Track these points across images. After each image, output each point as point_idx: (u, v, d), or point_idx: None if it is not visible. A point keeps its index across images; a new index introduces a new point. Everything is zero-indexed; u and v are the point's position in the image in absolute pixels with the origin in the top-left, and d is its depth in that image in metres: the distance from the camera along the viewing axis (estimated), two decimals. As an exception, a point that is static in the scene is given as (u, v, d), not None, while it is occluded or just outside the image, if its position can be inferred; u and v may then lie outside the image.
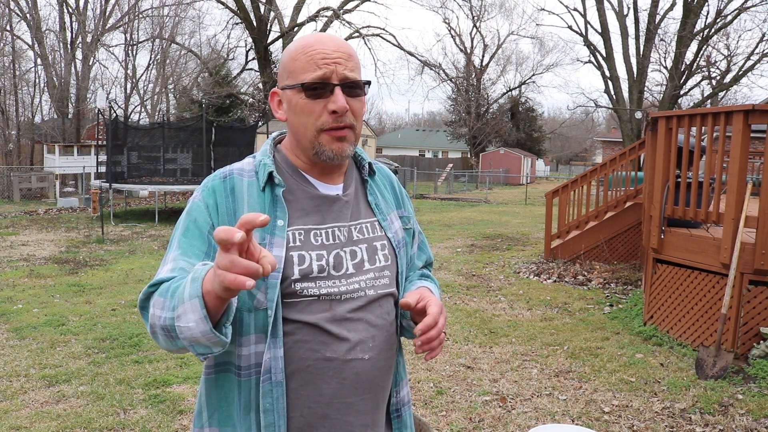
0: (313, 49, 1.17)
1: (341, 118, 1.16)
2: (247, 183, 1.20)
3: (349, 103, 1.17)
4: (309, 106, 1.17)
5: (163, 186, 14.48)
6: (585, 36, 27.74)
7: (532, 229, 12.97)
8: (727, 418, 3.53)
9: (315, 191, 1.23)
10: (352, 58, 1.19)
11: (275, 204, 1.18)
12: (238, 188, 1.20)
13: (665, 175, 5.06)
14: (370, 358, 1.19)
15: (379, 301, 1.23)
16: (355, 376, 1.17)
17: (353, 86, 1.18)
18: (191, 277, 1.00)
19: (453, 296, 6.60)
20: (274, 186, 1.20)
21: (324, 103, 1.16)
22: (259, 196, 1.19)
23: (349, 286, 1.19)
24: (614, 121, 37.43)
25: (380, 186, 1.35)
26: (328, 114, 1.16)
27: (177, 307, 1.00)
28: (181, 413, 3.56)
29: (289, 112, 1.21)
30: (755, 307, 4.30)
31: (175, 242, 1.18)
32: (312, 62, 1.15)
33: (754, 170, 10.36)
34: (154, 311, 1.06)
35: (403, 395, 1.34)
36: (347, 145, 1.19)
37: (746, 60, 24.77)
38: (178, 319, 0.99)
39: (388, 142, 61.00)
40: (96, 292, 6.60)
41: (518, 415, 3.58)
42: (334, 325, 1.16)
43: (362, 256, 1.22)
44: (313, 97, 1.16)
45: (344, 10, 26.99)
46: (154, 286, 1.11)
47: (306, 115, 1.17)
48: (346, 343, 1.16)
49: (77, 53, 22.49)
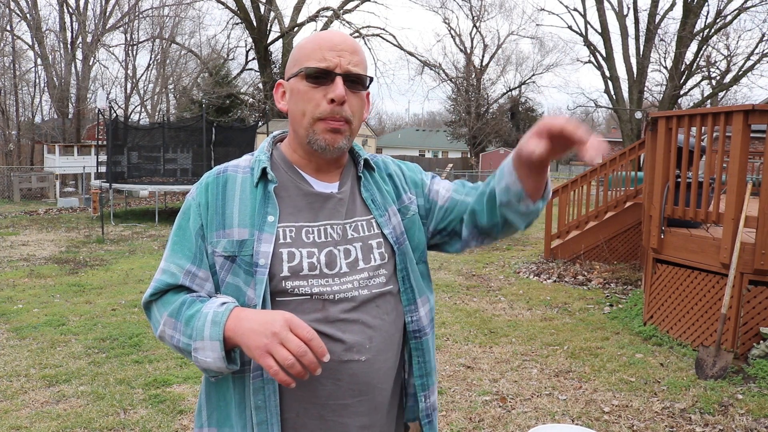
0: (322, 39, 1.19)
1: (338, 109, 1.16)
2: (241, 179, 1.21)
3: (348, 97, 1.17)
4: (309, 93, 1.17)
5: (163, 186, 14.49)
6: (585, 36, 27.73)
7: (532, 229, 12.97)
8: (727, 418, 3.53)
9: (309, 188, 1.23)
10: (357, 54, 1.19)
11: (266, 200, 1.18)
12: (230, 184, 1.21)
13: (665, 175, 5.06)
14: (367, 360, 1.17)
15: (375, 300, 1.20)
16: (351, 377, 1.16)
17: (355, 80, 1.18)
18: (211, 319, 1.09)
19: (453, 296, 6.60)
20: (267, 182, 1.20)
21: (324, 91, 1.16)
22: (251, 192, 1.19)
23: (342, 285, 1.17)
24: (614, 121, 37.43)
25: (378, 181, 1.32)
26: (327, 102, 1.16)
27: (195, 340, 1.10)
28: (181, 413, 3.56)
29: (290, 100, 1.22)
30: (755, 307, 4.31)
31: (170, 242, 1.25)
32: (318, 50, 1.17)
33: (754, 170, 10.36)
34: (164, 328, 1.16)
35: (433, 400, 1.32)
36: (341, 137, 1.18)
37: (746, 60, 24.78)
38: (195, 351, 1.10)
39: (388, 142, 61.01)
40: (96, 292, 6.60)
41: (518, 415, 3.58)
42: (328, 326, 1.14)
43: (356, 254, 1.20)
44: (314, 84, 1.17)
45: (344, 10, 27.01)
46: (155, 295, 1.20)
47: (305, 102, 1.18)
48: (341, 345, 1.15)
49: (77, 53, 22.51)
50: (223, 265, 1.17)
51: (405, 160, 1.46)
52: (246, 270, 1.15)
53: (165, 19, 24.86)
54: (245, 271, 1.15)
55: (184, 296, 1.18)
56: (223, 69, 28.83)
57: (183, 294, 1.18)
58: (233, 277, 1.16)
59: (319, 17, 26.69)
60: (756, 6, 23.07)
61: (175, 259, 1.21)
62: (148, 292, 1.22)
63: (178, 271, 1.19)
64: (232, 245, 1.16)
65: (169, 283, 1.19)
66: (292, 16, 27.24)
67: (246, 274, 1.15)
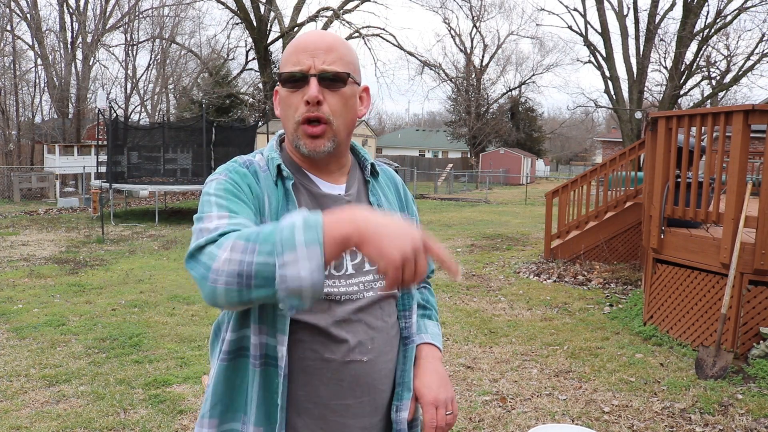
0: (298, 42, 1.19)
1: (313, 109, 1.15)
2: (264, 175, 1.20)
3: (326, 97, 1.16)
4: (289, 98, 1.18)
5: (164, 186, 14.49)
6: (585, 36, 27.74)
7: (532, 229, 12.97)
8: (727, 418, 3.53)
9: (318, 189, 1.23)
10: (334, 51, 1.16)
11: (287, 198, 1.18)
12: (260, 175, 1.19)
13: (665, 175, 5.06)
14: (369, 361, 1.18)
15: (379, 303, 1.22)
16: (353, 378, 1.17)
17: (333, 79, 1.16)
18: (303, 224, 0.92)
19: (453, 296, 6.60)
20: (284, 179, 1.20)
21: (302, 94, 1.16)
22: (273, 189, 1.18)
23: (348, 287, 1.18)
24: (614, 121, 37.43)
25: (384, 187, 1.34)
26: (304, 105, 1.16)
27: (282, 253, 0.91)
28: (181, 413, 3.56)
29: (279, 107, 1.24)
30: (755, 307, 4.31)
31: (215, 207, 1.08)
32: (294, 54, 1.17)
33: (754, 170, 10.36)
34: (230, 255, 0.93)
35: (402, 417, 1.25)
36: (322, 141, 1.17)
37: (746, 60, 24.79)
38: (282, 267, 0.90)
39: (388, 142, 60.99)
40: (96, 292, 6.60)
41: (518, 415, 3.58)
42: (334, 326, 1.15)
43: (362, 257, 1.21)
44: (292, 89, 1.17)
45: (344, 10, 26.99)
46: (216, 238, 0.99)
47: (287, 107, 1.19)
48: (345, 345, 1.15)
49: (77, 53, 22.50)
50: None
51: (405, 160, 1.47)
52: None
53: (165, 19, 24.85)
54: None
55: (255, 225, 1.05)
56: (223, 69, 28.83)
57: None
58: None
59: (319, 17, 26.68)
60: (756, 6, 23.10)
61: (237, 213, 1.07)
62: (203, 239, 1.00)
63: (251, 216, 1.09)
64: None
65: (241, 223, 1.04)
66: (292, 16, 27.24)
67: None
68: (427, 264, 0.94)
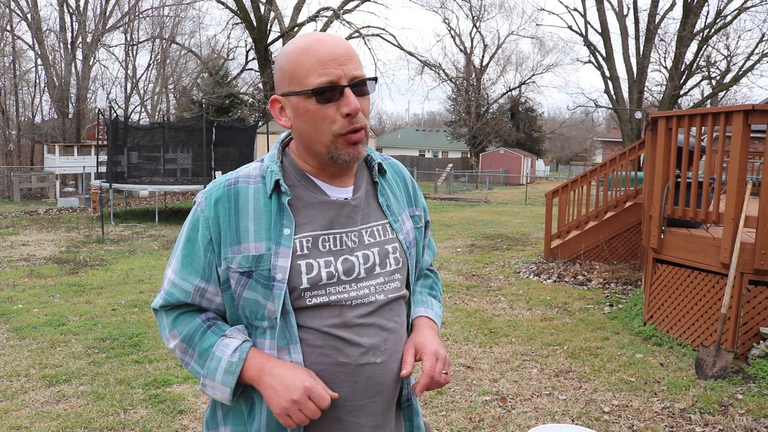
0: (318, 51, 1.12)
1: (355, 120, 1.13)
2: (254, 190, 1.18)
3: (359, 103, 1.15)
4: (321, 111, 1.12)
5: (164, 186, 14.49)
6: (585, 36, 27.73)
7: (532, 229, 12.97)
8: (727, 418, 3.53)
9: (324, 197, 1.21)
10: (353, 56, 1.15)
11: (281, 212, 1.16)
12: (242, 197, 1.17)
13: (665, 175, 5.06)
14: (383, 362, 1.19)
15: (390, 305, 1.22)
16: (368, 379, 1.17)
17: (362, 84, 1.15)
18: (225, 368, 1.15)
19: (453, 296, 6.60)
20: (281, 194, 1.17)
21: (336, 106, 1.12)
22: (266, 204, 1.17)
23: (359, 291, 1.18)
24: (614, 121, 37.43)
25: (392, 185, 1.32)
26: (343, 117, 1.12)
27: (207, 377, 1.17)
28: (181, 413, 3.56)
29: (297, 119, 1.17)
30: (755, 307, 4.31)
31: (179, 253, 1.23)
32: (318, 64, 1.11)
33: (754, 170, 10.36)
34: (175, 348, 1.22)
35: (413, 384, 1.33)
36: (363, 147, 1.18)
37: (746, 60, 24.76)
38: (204, 386, 1.19)
39: (388, 142, 60.98)
40: (96, 292, 6.60)
41: (518, 415, 3.58)
42: (346, 330, 1.15)
43: (374, 260, 1.21)
44: (324, 102, 1.12)
45: (344, 10, 26.97)
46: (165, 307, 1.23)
47: (320, 120, 1.13)
48: (359, 348, 1.16)
49: (77, 53, 22.50)
50: (240, 281, 1.16)
51: (405, 160, 1.48)
52: (264, 284, 1.14)
53: (165, 19, 24.85)
54: (263, 285, 1.14)
55: (197, 322, 1.20)
56: (223, 69, 28.82)
57: (194, 316, 1.21)
58: (250, 291, 1.15)
59: (319, 17, 26.66)
60: (756, 6, 23.07)
61: (185, 275, 1.20)
62: (158, 302, 1.24)
63: (189, 288, 1.19)
64: (248, 261, 1.14)
65: (180, 299, 1.21)
66: (292, 16, 27.22)
67: (264, 288, 1.14)
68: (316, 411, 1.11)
